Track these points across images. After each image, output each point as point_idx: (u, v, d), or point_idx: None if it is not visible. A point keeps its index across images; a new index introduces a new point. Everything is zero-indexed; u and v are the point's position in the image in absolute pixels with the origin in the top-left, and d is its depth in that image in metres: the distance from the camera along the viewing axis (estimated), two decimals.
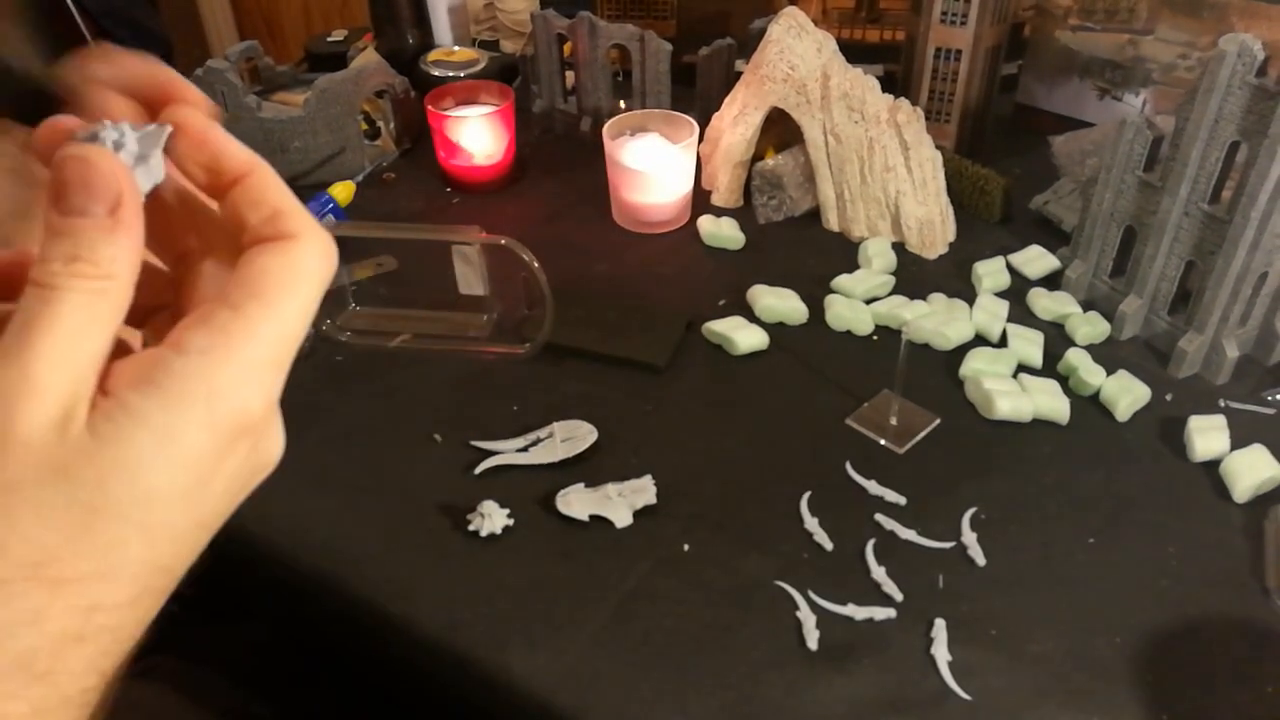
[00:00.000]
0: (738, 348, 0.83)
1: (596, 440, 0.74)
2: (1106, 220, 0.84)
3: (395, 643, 0.63)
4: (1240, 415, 0.76)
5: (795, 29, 0.93)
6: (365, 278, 0.93)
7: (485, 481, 0.72)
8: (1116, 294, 0.85)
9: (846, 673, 0.58)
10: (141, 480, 0.25)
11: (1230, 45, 0.69)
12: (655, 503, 0.69)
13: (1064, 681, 0.58)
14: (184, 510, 0.27)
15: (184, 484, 0.26)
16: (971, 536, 0.66)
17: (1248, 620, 0.61)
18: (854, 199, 0.97)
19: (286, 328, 0.28)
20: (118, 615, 0.26)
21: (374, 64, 1.11)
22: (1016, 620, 0.61)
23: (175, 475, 0.26)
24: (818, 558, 0.65)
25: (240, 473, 0.28)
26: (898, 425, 0.75)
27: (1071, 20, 1.11)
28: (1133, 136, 0.79)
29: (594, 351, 0.83)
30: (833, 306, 0.86)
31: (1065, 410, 0.75)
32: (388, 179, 1.12)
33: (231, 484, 0.28)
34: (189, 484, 0.26)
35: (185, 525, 0.27)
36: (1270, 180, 0.69)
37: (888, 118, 0.92)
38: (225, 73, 1.03)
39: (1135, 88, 1.09)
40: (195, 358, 0.26)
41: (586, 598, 0.63)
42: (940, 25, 1.01)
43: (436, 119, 1.04)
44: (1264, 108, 0.68)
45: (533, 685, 0.58)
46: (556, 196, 1.08)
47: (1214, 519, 0.68)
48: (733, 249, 0.98)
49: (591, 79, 1.12)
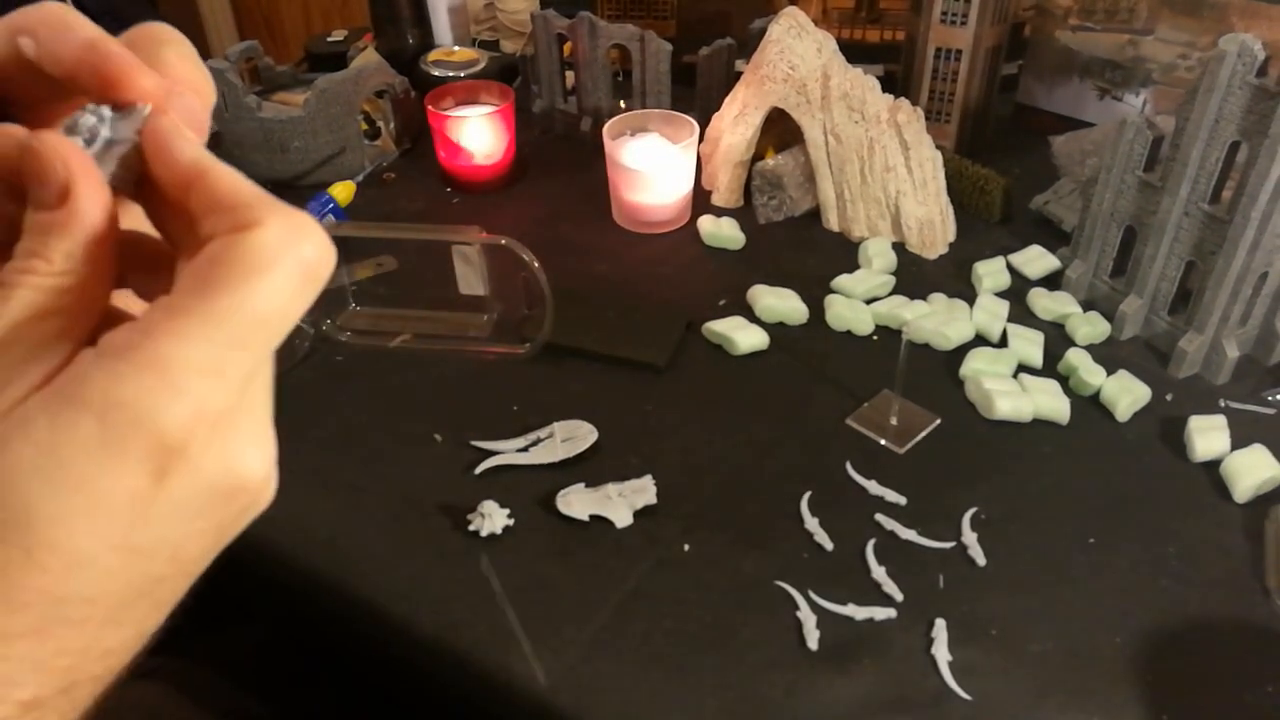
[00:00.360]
0: (738, 348, 0.83)
1: (596, 440, 0.74)
2: (1106, 220, 0.84)
3: (395, 643, 0.63)
4: (1240, 415, 0.76)
5: (795, 29, 0.93)
6: (365, 278, 0.93)
7: (485, 481, 0.72)
8: (1116, 294, 0.85)
9: (846, 673, 0.58)
10: (17, 496, 0.23)
11: (1230, 45, 0.69)
12: (655, 503, 0.69)
13: (1064, 681, 0.58)
14: (89, 534, 0.23)
15: (78, 505, 0.23)
16: (971, 536, 0.66)
17: (1248, 620, 0.61)
18: (854, 199, 0.97)
19: (231, 327, 0.24)
20: (15, 646, 0.24)
21: (374, 64, 1.11)
22: (1016, 620, 0.61)
23: (60, 495, 0.23)
24: (818, 558, 0.65)
25: (189, 497, 0.25)
26: (898, 425, 0.75)
27: (1071, 20, 1.11)
28: (1133, 136, 0.79)
29: (594, 351, 0.83)
30: (833, 306, 0.86)
31: (1065, 410, 0.75)
32: (388, 179, 1.12)
33: (181, 509, 0.25)
34: (86, 505, 0.23)
35: (97, 551, 0.24)
36: (1270, 180, 0.69)
37: (888, 118, 0.92)
38: (225, 73, 1.03)
39: (1135, 88, 1.09)
40: (104, 361, 0.23)
41: (586, 598, 0.63)
42: (940, 25, 1.01)
43: (436, 119, 1.04)
44: (1264, 108, 0.68)
45: (533, 685, 0.58)
46: (556, 196, 1.08)
47: (1214, 519, 0.68)
48: (733, 249, 0.98)
49: (591, 79, 1.12)
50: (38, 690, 0.24)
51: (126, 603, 0.25)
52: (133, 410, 0.23)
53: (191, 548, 0.26)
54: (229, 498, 0.26)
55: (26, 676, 0.24)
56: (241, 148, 1.06)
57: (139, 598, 0.26)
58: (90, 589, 0.24)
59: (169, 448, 0.24)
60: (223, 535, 0.27)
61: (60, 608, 0.24)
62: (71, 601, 0.24)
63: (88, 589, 0.24)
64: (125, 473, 0.23)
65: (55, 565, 0.23)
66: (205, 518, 0.26)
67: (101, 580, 0.24)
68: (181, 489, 0.24)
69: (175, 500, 0.24)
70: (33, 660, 0.24)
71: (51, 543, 0.23)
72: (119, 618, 0.25)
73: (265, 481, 0.27)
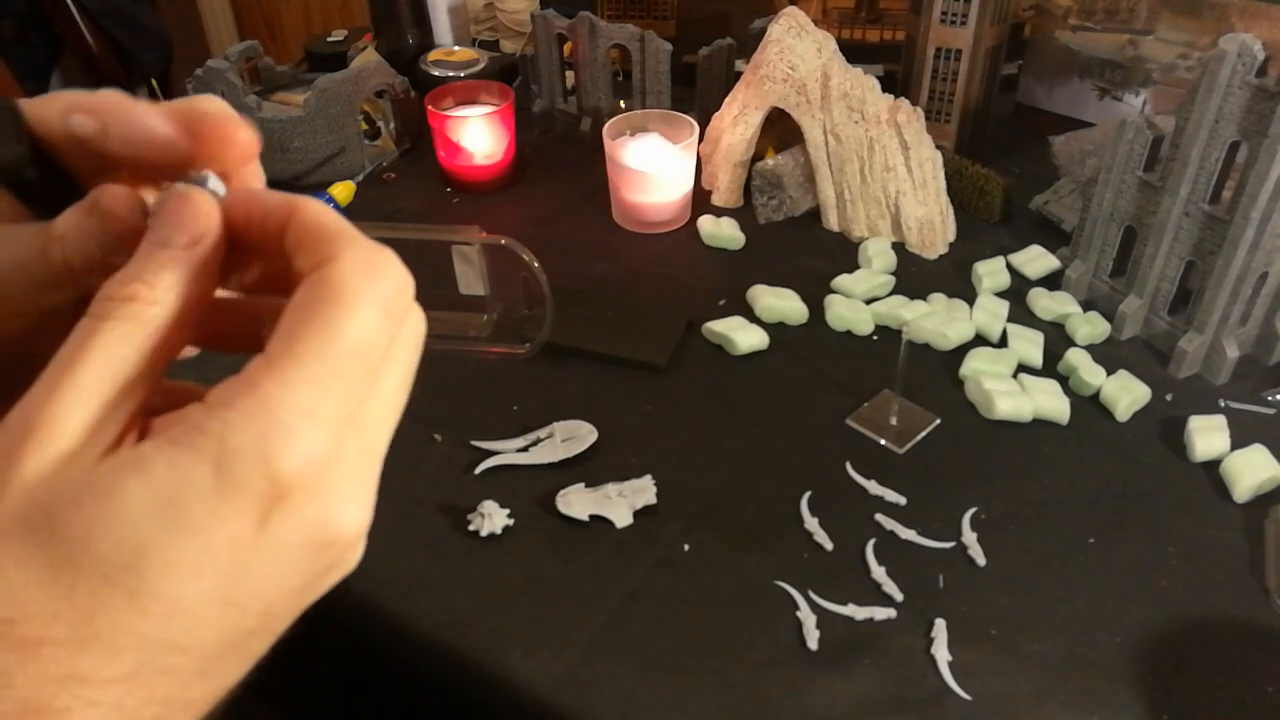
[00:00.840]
0: (738, 348, 0.83)
1: (596, 440, 0.74)
2: (1106, 220, 0.84)
3: (395, 643, 0.63)
4: (1240, 415, 0.76)
5: (795, 29, 0.93)
6: None
7: (485, 481, 0.72)
8: (1116, 294, 0.85)
9: (846, 673, 0.58)
10: (130, 540, 0.22)
11: (1230, 45, 0.69)
12: (655, 503, 0.69)
13: (1064, 681, 0.58)
14: (194, 582, 0.23)
15: (189, 551, 0.23)
16: (971, 536, 0.66)
17: (1248, 620, 0.61)
18: (854, 199, 0.97)
19: (328, 366, 0.24)
20: (108, 691, 0.23)
21: (374, 64, 1.11)
22: (1016, 620, 0.61)
23: (173, 539, 0.23)
24: (818, 558, 0.65)
25: (286, 547, 0.24)
26: (898, 425, 0.75)
27: (1071, 20, 1.11)
28: (1133, 136, 0.79)
29: (594, 351, 0.83)
30: (833, 306, 0.86)
31: (1065, 410, 0.75)
32: (388, 179, 1.12)
33: (277, 561, 0.25)
34: (195, 552, 0.23)
35: (198, 600, 0.24)
36: (1270, 180, 0.69)
37: (888, 118, 0.92)
38: (225, 73, 1.03)
39: (1135, 88, 1.09)
40: (216, 410, 0.23)
41: (586, 598, 0.63)
42: (940, 25, 1.01)
43: (436, 119, 1.04)
44: (1264, 108, 0.68)
45: (533, 685, 0.58)
46: (556, 196, 1.08)
47: (1214, 519, 0.68)
48: (733, 249, 0.98)
49: (591, 79, 1.12)
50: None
51: (217, 655, 0.25)
52: (248, 456, 0.23)
53: (283, 603, 0.26)
54: (322, 551, 0.26)
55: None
56: None
57: (229, 651, 0.25)
58: (185, 638, 0.24)
59: (291, 493, 0.24)
60: (310, 593, 0.27)
61: (154, 655, 0.24)
62: (165, 649, 0.24)
63: (182, 638, 0.24)
64: (235, 521, 0.23)
65: (156, 610, 0.23)
66: (299, 572, 0.26)
67: (196, 630, 0.24)
68: (282, 537, 0.24)
69: (275, 549, 0.24)
70: (121, 708, 0.23)
71: (156, 588, 0.23)
72: (207, 669, 0.25)
73: (356, 539, 0.27)
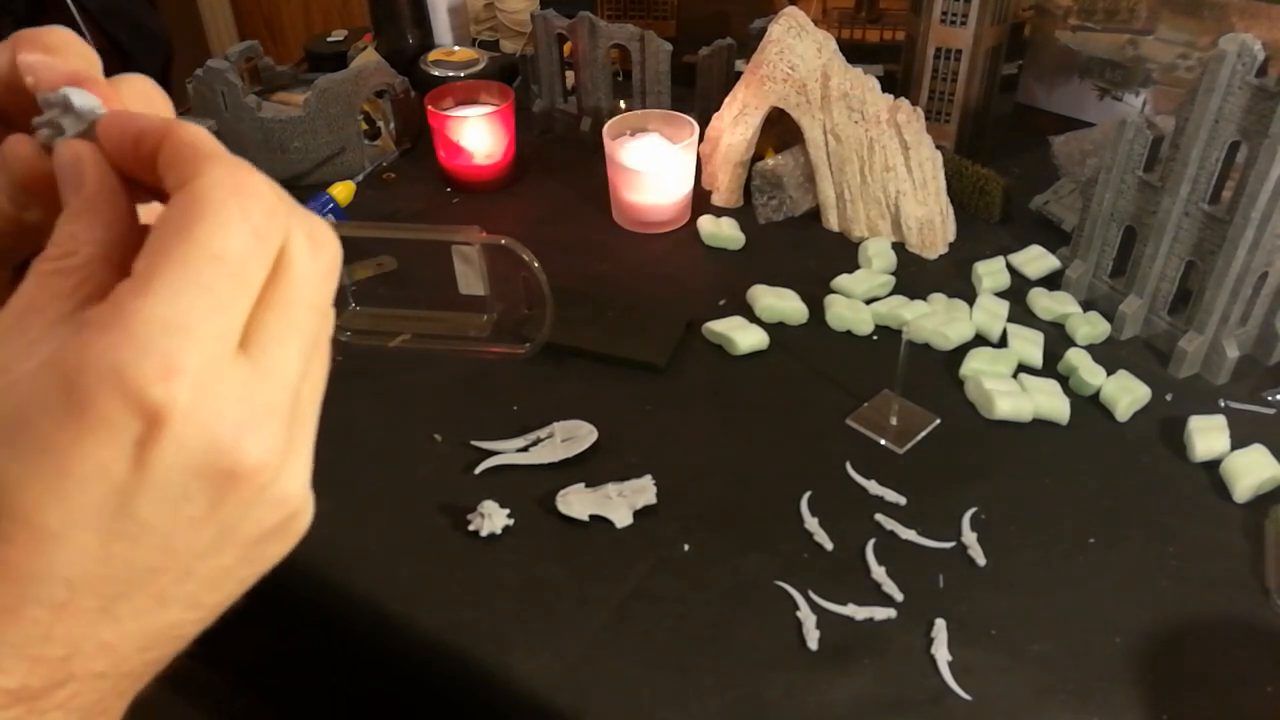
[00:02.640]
0: (738, 348, 0.83)
1: (596, 440, 0.74)
2: (1106, 220, 0.84)
3: (395, 643, 0.63)
4: (1240, 415, 0.76)
5: (795, 29, 0.93)
6: (365, 278, 0.93)
7: (485, 481, 0.72)
8: (1116, 294, 0.85)
9: (846, 673, 0.58)
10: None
11: (1230, 45, 0.69)
12: (655, 503, 0.69)
13: (1064, 681, 0.58)
14: (58, 506, 0.23)
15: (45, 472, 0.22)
16: (971, 536, 0.66)
17: (1248, 620, 0.61)
18: (854, 199, 0.97)
19: (187, 277, 0.23)
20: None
21: (374, 64, 1.11)
22: (1016, 620, 0.61)
23: (25, 459, 0.22)
24: (818, 558, 0.65)
25: (172, 473, 0.23)
26: (898, 425, 0.75)
27: (1071, 20, 1.11)
28: (1133, 136, 0.79)
29: (594, 351, 0.83)
30: (833, 306, 0.86)
31: (1065, 410, 0.75)
32: (388, 179, 1.12)
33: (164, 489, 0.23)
34: (53, 473, 0.22)
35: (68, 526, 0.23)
36: (1270, 180, 0.69)
37: (888, 118, 0.92)
38: (225, 73, 1.03)
39: (1135, 88, 1.09)
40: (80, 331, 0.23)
41: (586, 598, 0.63)
42: (940, 25, 1.01)
43: (436, 119, 1.04)
44: (1264, 108, 0.68)
45: (533, 685, 0.58)
46: (556, 196, 1.08)
47: (1214, 519, 0.68)
48: (733, 249, 0.98)
49: (591, 79, 1.12)
50: (26, 679, 0.24)
51: (119, 593, 0.25)
52: (95, 370, 0.22)
53: (186, 538, 0.25)
54: (221, 482, 0.24)
55: (11, 663, 0.24)
56: (241, 147, 1.05)
57: (132, 589, 0.25)
58: (66, 569, 0.23)
59: (146, 417, 0.22)
60: (230, 533, 0.26)
61: (32, 586, 0.23)
62: (45, 580, 0.23)
63: (63, 569, 0.23)
64: (97, 442, 0.22)
65: (21, 537, 0.23)
66: (193, 502, 0.24)
67: (78, 560, 0.23)
68: (162, 464, 0.23)
69: (156, 477, 0.23)
70: (13, 644, 0.24)
71: (14, 511, 0.22)
72: (113, 610, 0.25)
73: (271, 476, 0.25)
